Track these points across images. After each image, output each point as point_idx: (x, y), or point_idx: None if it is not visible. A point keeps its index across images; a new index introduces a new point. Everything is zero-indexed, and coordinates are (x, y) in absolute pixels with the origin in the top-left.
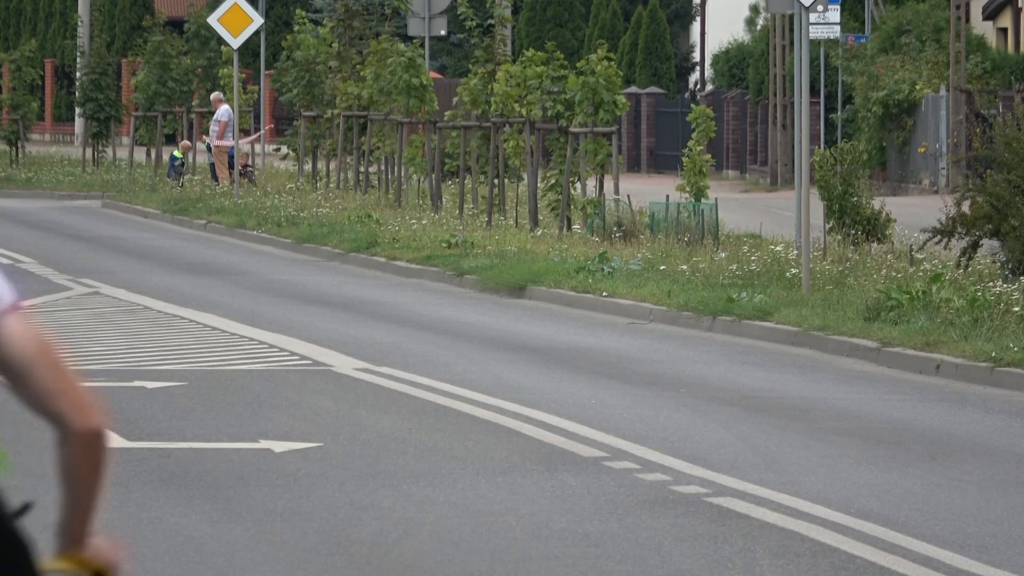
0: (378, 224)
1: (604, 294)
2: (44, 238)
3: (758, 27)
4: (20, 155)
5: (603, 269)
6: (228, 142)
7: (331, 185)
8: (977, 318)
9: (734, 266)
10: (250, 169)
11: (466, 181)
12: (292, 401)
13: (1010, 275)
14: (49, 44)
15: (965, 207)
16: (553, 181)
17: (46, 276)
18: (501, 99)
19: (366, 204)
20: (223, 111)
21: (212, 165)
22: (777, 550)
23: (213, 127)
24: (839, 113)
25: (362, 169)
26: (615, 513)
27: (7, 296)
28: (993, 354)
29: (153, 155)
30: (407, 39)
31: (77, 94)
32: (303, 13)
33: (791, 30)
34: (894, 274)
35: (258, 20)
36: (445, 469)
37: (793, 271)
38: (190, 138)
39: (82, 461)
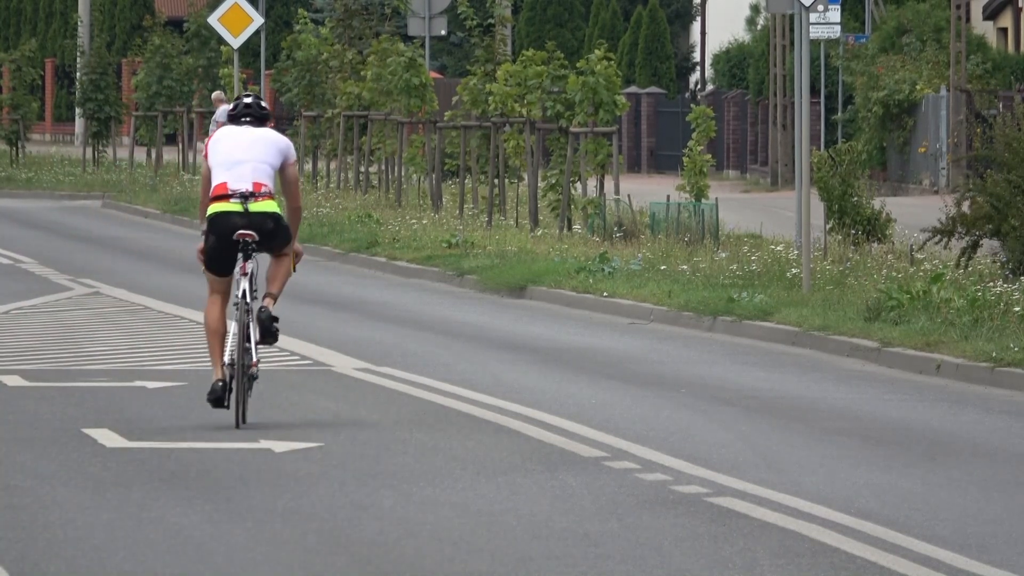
0: (378, 224)
1: (604, 294)
2: (44, 238)
3: (758, 27)
4: (20, 155)
5: (603, 269)
6: None
7: (331, 185)
8: (977, 318)
9: (734, 266)
10: None
11: (466, 181)
12: (292, 401)
13: (1010, 275)
14: (49, 44)
15: (965, 207)
16: (553, 181)
17: (46, 276)
18: (500, 99)
19: (366, 204)
20: (221, 111)
21: None
22: (777, 550)
23: (212, 127)
24: (840, 114)
25: (362, 169)
26: (615, 513)
27: (293, 155)
28: (993, 354)
29: (153, 155)
30: (407, 39)
31: (77, 94)
32: (304, 13)
33: (791, 30)
34: (894, 274)
35: (258, 20)
36: (445, 469)
37: (793, 271)
38: (190, 140)
39: (295, 217)
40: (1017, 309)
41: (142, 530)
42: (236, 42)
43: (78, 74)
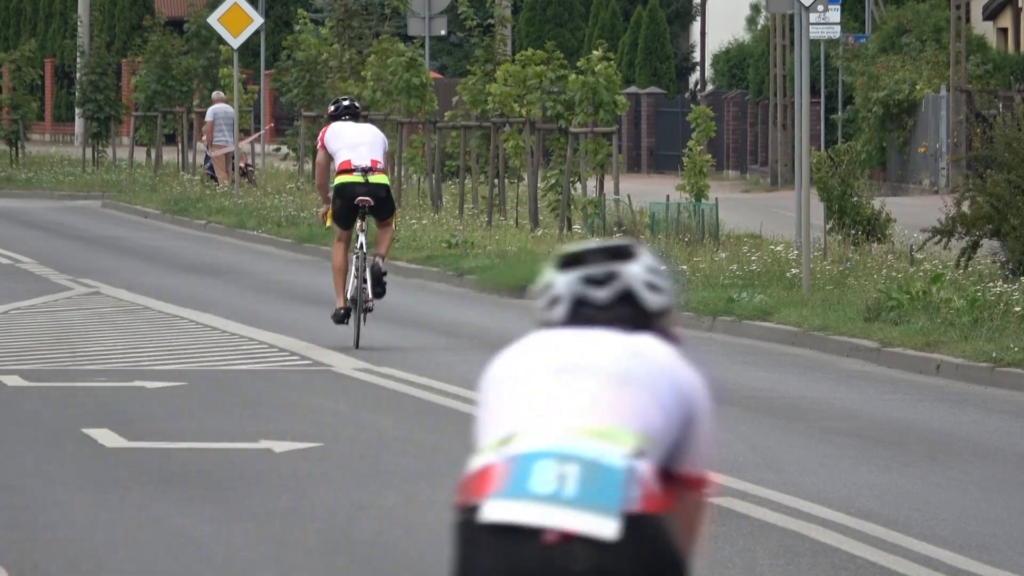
0: None
1: None
2: (44, 238)
3: (758, 27)
4: (20, 155)
5: None
6: (227, 147)
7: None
8: (977, 318)
9: (734, 266)
10: (250, 169)
11: (466, 181)
12: (292, 401)
13: (1010, 275)
14: (49, 44)
15: (965, 207)
16: (553, 181)
17: (46, 276)
18: (500, 99)
19: None
20: (212, 110)
21: (211, 165)
22: (777, 550)
23: (208, 126)
24: (840, 114)
25: None
26: None
27: (387, 141)
28: (993, 354)
29: (153, 155)
30: (407, 39)
31: (77, 94)
32: (304, 13)
33: (791, 30)
34: (894, 274)
35: (258, 20)
36: (446, 469)
37: (793, 271)
38: (190, 140)
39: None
40: (1017, 309)
41: (142, 530)
42: (236, 42)
43: (78, 74)
